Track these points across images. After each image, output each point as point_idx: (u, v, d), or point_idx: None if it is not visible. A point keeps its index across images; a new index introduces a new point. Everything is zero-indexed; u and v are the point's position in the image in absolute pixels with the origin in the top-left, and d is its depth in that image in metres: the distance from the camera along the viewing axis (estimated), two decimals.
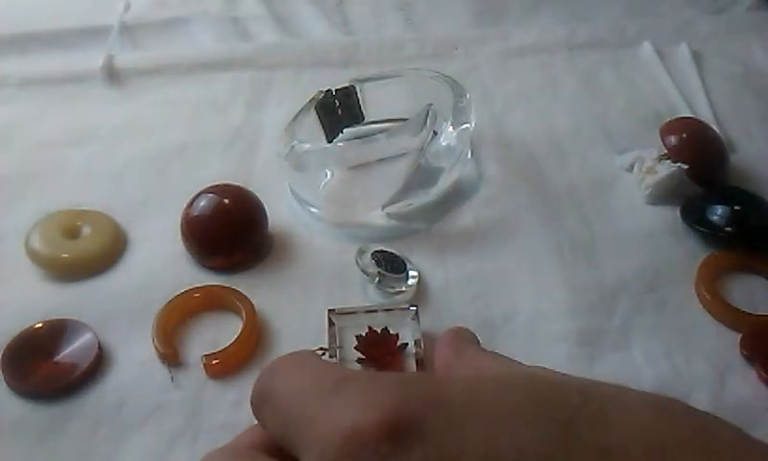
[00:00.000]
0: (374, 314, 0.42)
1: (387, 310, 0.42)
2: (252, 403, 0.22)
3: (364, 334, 0.41)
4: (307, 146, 0.48)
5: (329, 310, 0.42)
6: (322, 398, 0.19)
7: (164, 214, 0.49)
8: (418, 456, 0.16)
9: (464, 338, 0.27)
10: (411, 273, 0.45)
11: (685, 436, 0.17)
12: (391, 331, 0.41)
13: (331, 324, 0.41)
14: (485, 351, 0.26)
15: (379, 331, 0.41)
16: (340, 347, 0.41)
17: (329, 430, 0.17)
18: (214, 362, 0.40)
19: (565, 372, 0.24)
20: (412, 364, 0.40)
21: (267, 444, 0.21)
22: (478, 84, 0.63)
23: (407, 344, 0.41)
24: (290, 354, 0.23)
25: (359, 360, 0.40)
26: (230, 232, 0.46)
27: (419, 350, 0.40)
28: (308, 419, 0.18)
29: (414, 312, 0.42)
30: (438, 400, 0.17)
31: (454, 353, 0.25)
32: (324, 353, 0.40)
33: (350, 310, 0.42)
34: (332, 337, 0.41)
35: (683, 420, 0.18)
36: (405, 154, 0.47)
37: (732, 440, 0.17)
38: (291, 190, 0.51)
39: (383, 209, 0.49)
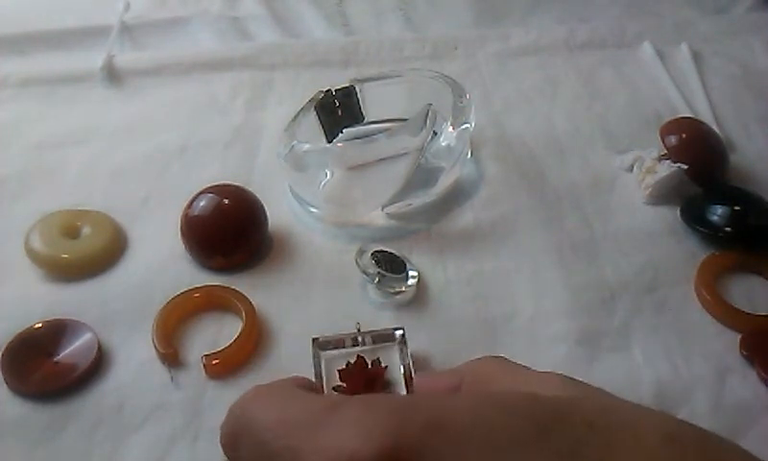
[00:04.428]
0: (361, 347, 0.40)
1: (374, 344, 0.40)
2: (223, 443, 0.20)
3: (349, 364, 0.39)
4: (307, 146, 0.48)
5: (314, 339, 0.40)
6: (310, 428, 0.18)
7: (164, 214, 0.49)
8: None
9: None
10: (411, 273, 0.45)
11: None
12: (381, 362, 0.39)
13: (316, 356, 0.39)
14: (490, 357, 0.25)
15: (369, 363, 0.39)
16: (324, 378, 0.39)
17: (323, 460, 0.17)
18: (214, 362, 0.40)
19: (565, 372, 0.23)
20: (402, 392, 0.38)
21: None
22: (478, 85, 0.63)
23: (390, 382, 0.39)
24: (267, 385, 0.22)
25: (336, 387, 0.38)
26: (230, 232, 0.46)
27: (407, 376, 0.38)
28: (295, 451, 0.18)
29: (401, 336, 0.40)
30: (438, 425, 0.17)
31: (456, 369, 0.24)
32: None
33: (336, 341, 0.40)
34: (317, 367, 0.39)
35: (694, 452, 0.17)
36: (405, 154, 0.47)
37: None
38: (291, 190, 0.51)
39: (383, 209, 0.49)
